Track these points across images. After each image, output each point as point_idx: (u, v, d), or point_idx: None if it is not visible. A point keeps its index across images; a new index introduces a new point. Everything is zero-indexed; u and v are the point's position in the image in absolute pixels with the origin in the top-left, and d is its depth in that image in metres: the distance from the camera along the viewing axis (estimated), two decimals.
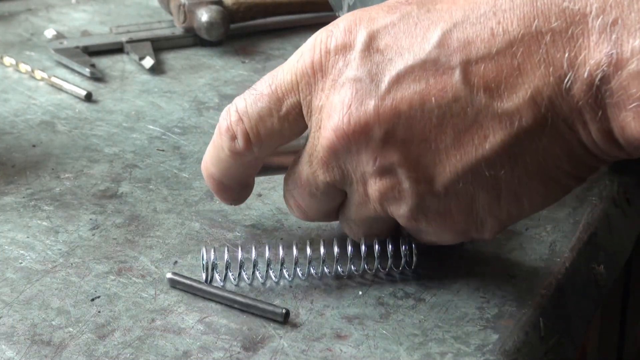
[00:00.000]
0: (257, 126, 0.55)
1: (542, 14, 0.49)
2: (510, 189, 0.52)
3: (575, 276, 0.59)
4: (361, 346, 0.53)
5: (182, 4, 0.88)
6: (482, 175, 0.51)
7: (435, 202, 0.53)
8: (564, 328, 0.57)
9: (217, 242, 0.61)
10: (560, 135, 0.50)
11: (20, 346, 0.52)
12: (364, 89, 0.52)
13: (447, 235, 0.55)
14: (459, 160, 0.51)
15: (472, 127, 0.50)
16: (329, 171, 0.54)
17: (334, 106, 0.52)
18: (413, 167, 0.52)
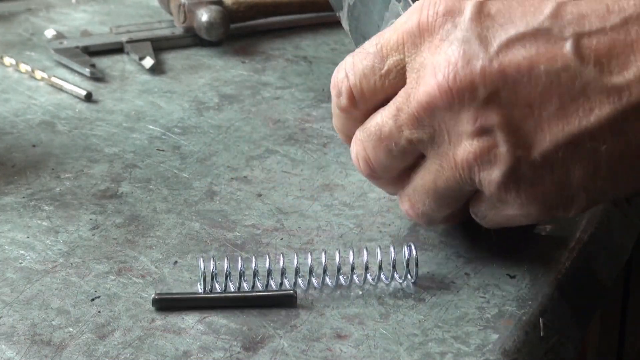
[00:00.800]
0: (360, 83, 0.56)
1: None
2: (609, 165, 0.51)
3: (575, 276, 0.59)
4: (361, 346, 0.53)
5: (182, 4, 0.88)
6: (583, 148, 0.51)
7: (530, 170, 0.52)
8: (564, 328, 0.57)
9: (217, 242, 0.61)
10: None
11: (20, 346, 0.52)
12: (472, 49, 0.52)
13: (532, 208, 0.54)
14: (561, 130, 0.51)
15: (578, 98, 0.50)
16: (418, 128, 0.54)
17: (438, 64, 0.52)
18: (513, 131, 0.52)
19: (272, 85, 0.82)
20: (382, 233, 0.62)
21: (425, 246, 0.61)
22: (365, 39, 0.71)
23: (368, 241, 0.61)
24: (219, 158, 0.71)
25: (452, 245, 0.61)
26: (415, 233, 0.62)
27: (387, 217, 0.64)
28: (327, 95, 0.80)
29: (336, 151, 0.71)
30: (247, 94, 0.80)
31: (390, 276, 0.57)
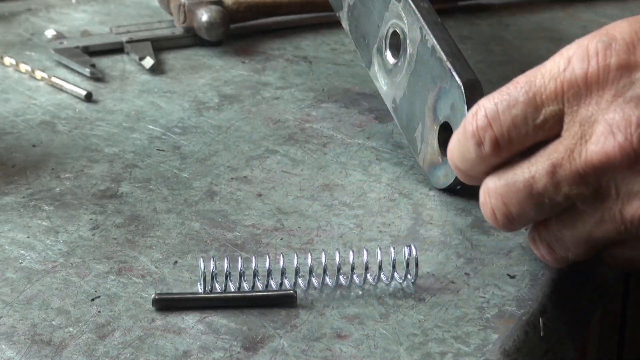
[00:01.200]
0: (508, 133, 0.53)
1: None
2: None
3: (575, 276, 0.59)
4: (361, 346, 0.53)
5: (182, 4, 0.88)
6: None
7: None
8: (564, 328, 0.57)
9: (217, 242, 0.61)
10: None
11: (21, 346, 0.52)
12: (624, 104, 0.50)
13: None
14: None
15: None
16: (581, 185, 0.52)
17: (616, 122, 0.50)
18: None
19: (272, 85, 0.82)
20: (382, 233, 0.62)
21: (425, 246, 0.61)
22: (365, 39, 0.71)
23: (368, 241, 0.61)
24: (219, 158, 0.71)
25: (452, 245, 0.61)
26: (415, 233, 0.62)
27: (387, 217, 0.64)
28: (327, 95, 0.80)
29: (336, 151, 0.71)
30: (247, 94, 0.80)
31: (390, 276, 0.57)
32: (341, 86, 0.82)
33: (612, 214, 0.52)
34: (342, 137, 0.74)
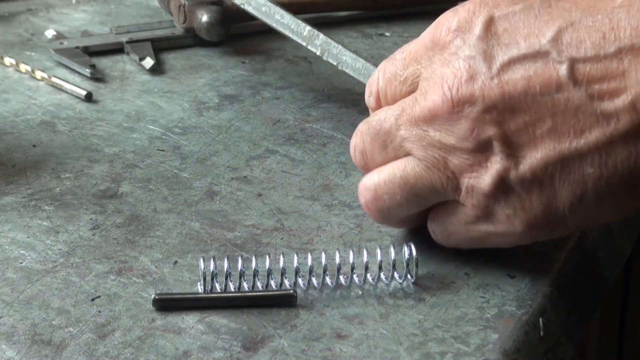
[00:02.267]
0: (385, 86, 0.59)
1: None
2: (596, 190, 0.53)
3: (575, 276, 0.59)
4: (361, 346, 0.53)
5: (182, 4, 0.88)
6: (571, 169, 0.53)
7: (519, 185, 0.54)
8: (564, 328, 0.57)
9: (217, 242, 0.61)
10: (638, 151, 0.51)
11: (21, 346, 0.52)
12: (476, 66, 0.54)
13: (517, 225, 0.55)
14: (551, 149, 0.53)
15: (570, 120, 0.52)
16: (414, 131, 0.57)
17: (445, 76, 0.55)
18: (507, 143, 0.54)
19: (272, 85, 0.82)
20: (382, 233, 0.62)
21: (425, 246, 0.61)
22: None
23: (368, 241, 0.61)
24: (219, 158, 0.71)
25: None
26: (416, 233, 0.62)
27: None
28: (327, 95, 0.80)
29: (336, 151, 0.71)
30: (247, 94, 0.80)
31: (390, 276, 0.57)
32: (341, 86, 0.82)
33: (438, 163, 0.56)
34: (342, 137, 0.74)
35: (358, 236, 0.62)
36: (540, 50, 0.53)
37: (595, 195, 0.53)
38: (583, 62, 0.52)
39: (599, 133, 0.52)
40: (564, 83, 0.52)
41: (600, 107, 0.52)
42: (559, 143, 0.53)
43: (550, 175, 0.53)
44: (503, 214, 0.55)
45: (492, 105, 0.54)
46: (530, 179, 0.54)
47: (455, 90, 0.55)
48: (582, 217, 0.54)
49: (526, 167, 0.53)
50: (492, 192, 0.55)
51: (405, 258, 0.57)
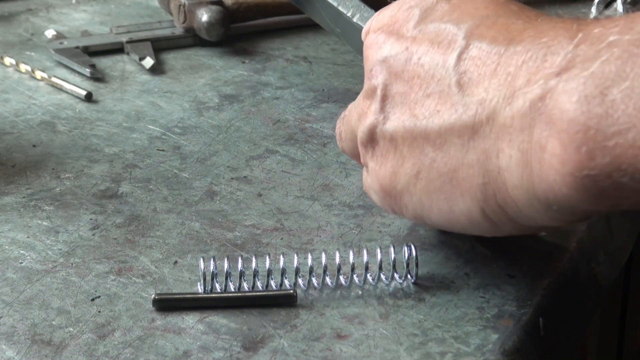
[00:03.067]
0: None
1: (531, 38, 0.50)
2: (428, 175, 0.53)
3: (575, 276, 0.59)
4: (361, 346, 0.53)
5: (182, 4, 0.88)
6: (417, 144, 0.53)
7: (381, 140, 0.55)
8: (564, 328, 0.57)
9: (217, 242, 0.61)
10: (484, 148, 0.50)
11: (21, 346, 0.52)
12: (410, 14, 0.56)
13: (376, 183, 0.56)
14: (409, 117, 0.54)
15: (434, 95, 0.53)
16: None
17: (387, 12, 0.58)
18: (385, 96, 0.55)
19: (272, 85, 0.82)
20: (382, 233, 0.62)
21: (425, 246, 0.61)
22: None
23: (368, 241, 0.61)
24: (219, 158, 0.71)
25: (452, 245, 0.61)
26: (415, 233, 0.62)
27: (387, 217, 0.64)
28: (327, 95, 0.80)
29: (336, 151, 0.71)
30: (247, 94, 0.80)
31: (390, 276, 0.57)
32: (341, 86, 0.82)
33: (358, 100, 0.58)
34: None
35: (358, 236, 0.62)
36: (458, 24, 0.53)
37: (427, 180, 0.53)
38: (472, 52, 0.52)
39: (448, 118, 0.52)
40: (449, 62, 0.53)
41: (458, 94, 0.52)
42: (416, 115, 0.53)
43: (403, 142, 0.54)
44: (371, 167, 0.56)
45: (394, 54, 0.55)
46: (389, 139, 0.54)
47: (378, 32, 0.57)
48: (416, 200, 0.54)
49: (390, 126, 0.54)
50: (362, 141, 0.56)
51: (405, 258, 0.57)
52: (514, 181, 0.49)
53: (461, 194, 0.52)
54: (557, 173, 0.46)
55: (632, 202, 0.45)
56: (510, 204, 0.50)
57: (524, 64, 0.49)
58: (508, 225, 0.52)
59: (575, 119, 0.45)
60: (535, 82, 0.48)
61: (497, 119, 0.50)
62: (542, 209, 0.49)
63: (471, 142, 0.51)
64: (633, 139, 0.43)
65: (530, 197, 0.49)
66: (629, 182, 0.44)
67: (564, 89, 0.46)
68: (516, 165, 0.49)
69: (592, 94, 0.45)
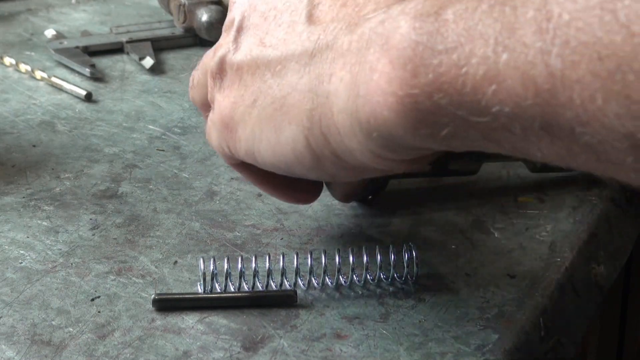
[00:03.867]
0: None
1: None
2: (264, 102, 0.52)
3: (575, 276, 0.59)
4: (361, 346, 0.53)
5: (182, 4, 0.88)
6: (260, 71, 0.52)
7: (229, 70, 0.54)
8: (564, 328, 0.57)
9: (217, 242, 0.61)
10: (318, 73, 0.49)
11: (20, 346, 0.52)
12: None
13: (216, 117, 0.55)
14: (257, 46, 0.52)
15: (285, 25, 0.52)
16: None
17: None
18: (240, 27, 0.54)
19: None
20: (382, 233, 0.62)
21: (425, 246, 0.61)
22: None
23: (368, 241, 0.61)
24: (219, 158, 0.71)
25: (452, 245, 0.61)
26: (416, 233, 0.62)
27: (387, 217, 0.64)
28: None
29: None
30: None
31: (390, 276, 0.57)
32: None
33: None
34: None
35: (358, 236, 0.62)
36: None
37: (261, 107, 0.52)
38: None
39: (290, 45, 0.51)
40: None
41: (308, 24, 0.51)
42: (265, 43, 0.52)
43: (248, 70, 0.53)
44: (216, 100, 0.55)
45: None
46: (236, 68, 0.53)
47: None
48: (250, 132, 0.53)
49: (239, 55, 0.53)
50: (213, 72, 0.55)
51: (405, 258, 0.57)
52: (340, 104, 0.48)
53: (289, 121, 0.51)
54: (381, 93, 0.45)
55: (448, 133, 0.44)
56: (333, 131, 0.49)
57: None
58: (330, 160, 0.50)
59: (405, 35, 0.44)
60: (379, 10, 0.47)
61: (336, 44, 0.48)
62: (363, 137, 0.47)
63: (307, 67, 0.50)
64: (457, 58, 0.42)
65: (353, 122, 0.47)
66: (447, 106, 0.43)
67: (403, 10, 0.45)
68: (344, 87, 0.47)
69: (428, 12, 0.44)
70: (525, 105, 0.40)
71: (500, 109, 0.41)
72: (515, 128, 0.41)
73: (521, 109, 0.40)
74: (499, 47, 0.41)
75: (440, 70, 0.42)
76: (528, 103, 0.40)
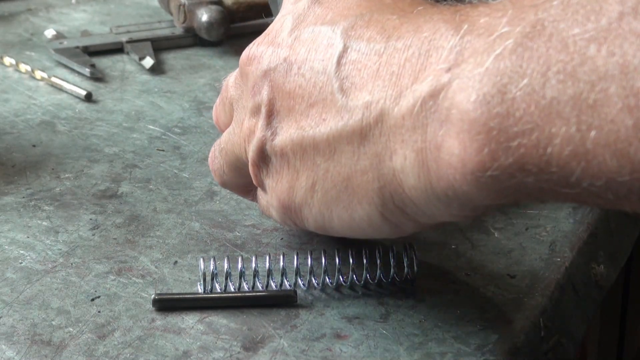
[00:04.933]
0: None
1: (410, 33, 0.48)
2: (323, 185, 0.51)
3: (575, 276, 0.59)
4: (361, 346, 0.53)
5: (182, 4, 0.88)
6: (308, 156, 0.52)
7: (273, 157, 0.53)
8: (564, 328, 0.57)
9: (217, 242, 0.61)
10: (376, 152, 0.49)
11: (20, 346, 0.52)
12: (283, 25, 0.54)
13: (274, 200, 0.54)
14: (296, 129, 0.52)
15: (319, 104, 0.51)
16: (236, 87, 0.57)
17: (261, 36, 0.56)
18: (270, 111, 0.53)
19: None
20: None
21: (425, 246, 0.61)
22: None
23: (368, 241, 0.61)
24: None
25: (452, 245, 0.61)
26: (416, 233, 0.62)
27: None
28: None
29: None
30: None
31: (390, 276, 0.57)
32: None
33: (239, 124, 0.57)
34: None
35: None
36: (330, 28, 0.51)
37: (323, 191, 0.52)
38: (351, 55, 0.50)
39: (334, 126, 0.50)
40: (328, 67, 0.50)
41: (342, 100, 0.50)
42: (303, 126, 0.51)
43: (293, 156, 0.52)
44: (268, 185, 0.55)
45: (274, 67, 0.53)
46: (280, 154, 0.53)
47: (255, 45, 0.54)
48: (318, 213, 0.53)
49: (279, 141, 0.52)
50: (254, 160, 0.54)
51: (405, 258, 0.57)
52: (410, 182, 0.47)
53: (358, 201, 0.50)
54: (456, 172, 0.44)
55: (534, 198, 0.43)
56: (409, 205, 0.49)
57: (407, 61, 0.47)
58: (409, 224, 0.51)
59: (476, 120, 0.43)
60: (424, 80, 0.46)
61: (387, 121, 0.48)
62: (442, 206, 0.47)
63: (362, 147, 0.49)
64: (537, 139, 0.41)
65: (429, 196, 0.47)
66: (533, 182, 0.42)
67: (460, 86, 0.44)
68: (411, 166, 0.47)
69: (490, 92, 0.42)
70: (622, 180, 0.39)
71: (592, 182, 0.40)
72: (608, 195, 0.41)
73: (617, 183, 0.40)
74: (582, 125, 0.40)
75: (520, 152, 0.42)
76: (625, 179, 0.39)
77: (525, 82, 0.41)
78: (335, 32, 0.51)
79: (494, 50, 0.43)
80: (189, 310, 0.55)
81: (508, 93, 0.42)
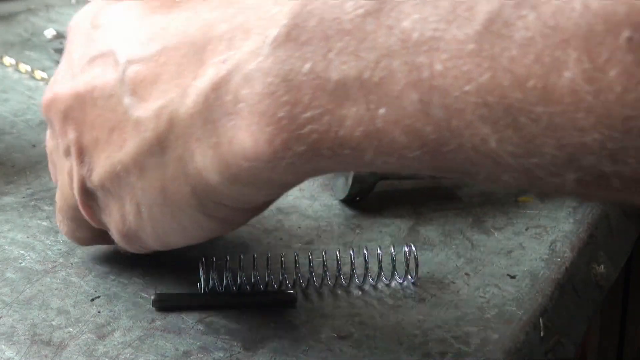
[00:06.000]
0: None
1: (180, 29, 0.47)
2: (147, 205, 0.50)
3: (575, 276, 0.59)
4: (361, 346, 0.53)
5: None
6: (123, 181, 0.50)
7: (97, 193, 0.52)
8: (564, 328, 0.57)
9: (217, 242, 0.61)
10: (178, 156, 0.47)
11: (20, 346, 0.52)
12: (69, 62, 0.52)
13: (116, 235, 0.53)
14: (105, 159, 0.50)
15: (117, 127, 0.49)
16: (50, 138, 0.55)
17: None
18: (80, 149, 0.51)
19: None
20: (382, 233, 0.62)
21: (425, 246, 0.61)
22: None
23: (368, 241, 0.61)
24: None
25: (452, 245, 0.61)
26: (415, 233, 0.62)
27: (387, 217, 0.64)
28: None
29: None
30: None
31: (390, 276, 0.57)
32: None
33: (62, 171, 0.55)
34: None
35: (358, 236, 0.62)
36: (110, 49, 0.49)
37: (147, 211, 0.50)
38: (134, 63, 0.48)
39: (133, 143, 0.48)
40: (115, 85, 0.48)
41: (135, 113, 0.48)
42: (110, 153, 0.49)
43: (112, 184, 0.50)
44: (105, 221, 0.53)
45: (68, 109, 0.51)
46: (101, 188, 0.51)
47: (48, 87, 0.53)
48: (153, 233, 0.51)
49: (95, 175, 0.51)
50: (82, 202, 0.52)
51: (406, 258, 0.57)
52: (215, 178, 0.46)
53: (179, 208, 0.49)
54: (253, 164, 0.43)
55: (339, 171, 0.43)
56: (225, 198, 0.47)
57: (184, 58, 0.46)
58: (238, 214, 0.49)
59: (264, 112, 0.41)
60: (203, 74, 0.44)
61: (177, 123, 0.46)
62: (254, 192, 0.46)
63: (164, 156, 0.47)
64: (328, 123, 0.40)
65: (238, 187, 0.46)
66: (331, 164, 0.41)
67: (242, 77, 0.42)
68: (211, 162, 0.45)
69: (274, 82, 0.41)
70: (413, 155, 0.39)
71: (386, 160, 0.40)
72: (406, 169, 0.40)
73: (408, 159, 0.39)
74: (371, 104, 0.39)
75: (313, 138, 0.41)
76: (416, 154, 0.39)
77: (308, 67, 0.40)
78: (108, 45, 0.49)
79: (268, 36, 0.41)
80: (189, 310, 0.55)
81: (293, 80, 0.40)
